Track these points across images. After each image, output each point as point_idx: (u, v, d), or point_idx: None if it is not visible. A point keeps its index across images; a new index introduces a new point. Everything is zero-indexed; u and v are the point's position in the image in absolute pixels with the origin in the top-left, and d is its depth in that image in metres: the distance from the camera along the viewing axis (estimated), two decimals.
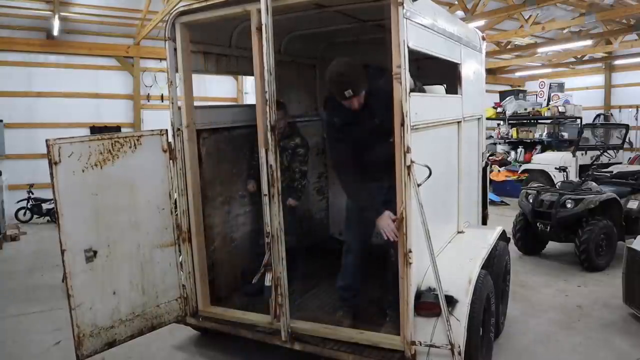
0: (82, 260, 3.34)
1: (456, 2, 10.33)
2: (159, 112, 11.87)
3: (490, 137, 13.72)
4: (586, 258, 6.21)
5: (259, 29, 3.42)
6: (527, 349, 4.25)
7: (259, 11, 3.39)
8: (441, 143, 3.89)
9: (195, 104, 4.05)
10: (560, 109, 12.71)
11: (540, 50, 14.50)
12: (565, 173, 7.99)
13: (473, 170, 4.83)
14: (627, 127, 10.61)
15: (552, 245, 7.13)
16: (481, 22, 10.66)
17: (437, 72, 4.61)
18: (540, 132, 12.80)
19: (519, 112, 13.49)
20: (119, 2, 10.52)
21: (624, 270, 4.82)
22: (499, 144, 14.04)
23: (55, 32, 10.29)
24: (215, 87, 12.39)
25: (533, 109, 13.31)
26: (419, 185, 3.02)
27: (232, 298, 4.40)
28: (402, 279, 3.11)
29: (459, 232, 4.24)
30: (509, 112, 13.58)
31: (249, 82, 13.06)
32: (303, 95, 5.79)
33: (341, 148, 3.63)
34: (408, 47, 2.99)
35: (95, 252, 3.41)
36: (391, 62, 3.03)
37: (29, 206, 10.08)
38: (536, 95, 14.54)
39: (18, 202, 10.02)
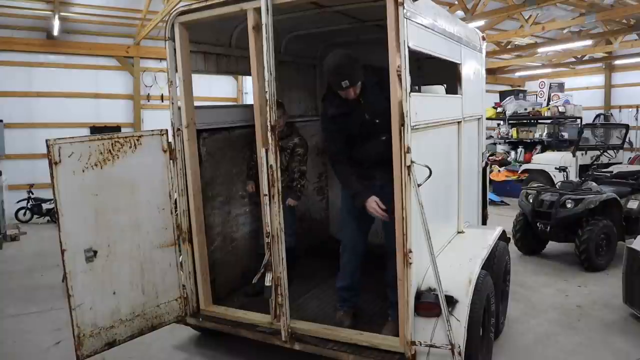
0: (82, 260, 3.34)
1: (456, 2, 10.32)
2: (159, 112, 11.87)
3: (490, 137, 13.72)
4: (586, 258, 6.21)
5: (255, 28, 3.42)
6: (527, 349, 4.25)
7: (256, 10, 3.40)
8: (441, 143, 3.89)
9: (196, 104, 4.06)
10: (560, 109, 12.71)
11: (540, 50, 14.49)
12: (565, 173, 7.98)
13: (473, 170, 4.83)
14: (627, 127, 10.59)
15: (552, 245, 7.13)
16: (481, 22, 10.65)
17: (437, 72, 4.61)
18: (540, 132, 12.79)
19: (519, 112, 13.48)
20: (119, 2, 10.52)
21: (624, 270, 4.82)
22: (499, 144, 14.03)
23: (55, 32, 10.29)
24: (215, 87, 12.39)
25: (533, 109, 13.30)
26: (419, 185, 3.02)
27: (232, 298, 4.40)
28: (401, 280, 3.11)
29: (459, 232, 4.24)
30: (509, 112, 13.57)
31: (249, 82, 13.04)
32: (303, 95, 5.80)
33: (335, 137, 3.76)
34: (408, 47, 2.99)
35: (95, 252, 3.41)
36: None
37: (29, 206, 10.08)
38: (536, 95, 14.54)
39: (18, 202, 10.02)
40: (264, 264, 3.55)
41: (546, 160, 11.23)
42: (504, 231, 4.56)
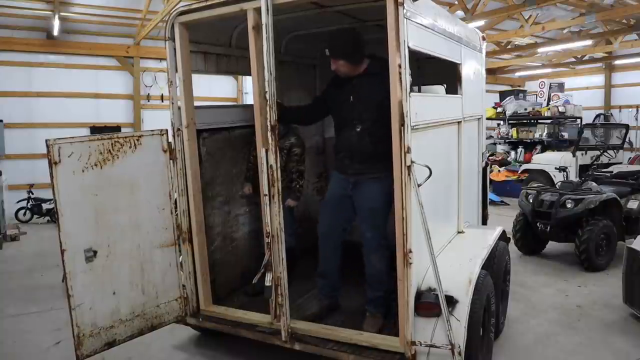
0: (82, 260, 3.34)
1: (456, 2, 10.32)
2: (159, 112, 11.87)
3: (490, 137, 13.72)
4: (586, 258, 6.20)
5: (255, 28, 3.43)
6: (527, 349, 4.25)
7: (256, 10, 3.40)
8: (441, 143, 3.89)
9: (196, 104, 4.06)
10: (560, 109, 12.71)
11: (540, 50, 14.48)
12: (565, 173, 7.99)
13: (473, 170, 4.83)
14: (627, 127, 10.60)
15: (552, 245, 7.13)
16: (481, 22, 10.65)
17: (437, 72, 4.60)
18: (540, 132, 12.79)
19: (519, 112, 13.48)
20: (119, 2, 10.51)
21: (624, 270, 4.82)
22: (499, 144, 14.04)
23: (55, 32, 10.29)
24: (216, 87, 12.40)
25: (533, 109, 13.30)
26: (419, 185, 3.02)
27: (232, 298, 4.40)
28: (401, 280, 3.10)
29: (459, 232, 4.24)
30: (509, 112, 13.57)
31: (249, 82, 13.04)
32: (303, 95, 5.79)
33: (319, 97, 4.10)
34: (408, 47, 2.99)
35: (95, 252, 3.41)
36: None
37: (29, 206, 10.07)
38: (536, 95, 14.53)
39: (18, 202, 10.01)
40: (264, 264, 3.55)
41: (546, 160, 11.23)
42: (504, 231, 4.56)
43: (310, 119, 4.48)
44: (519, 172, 11.94)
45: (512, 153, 13.40)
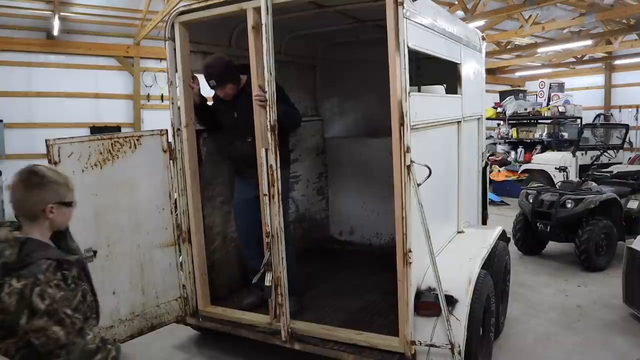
0: None
1: (456, 2, 10.32)
2: (159, 112, 11.85)
3: (490, 137, 13.72)
4: (586, 258, 6.20)
5: (255, 28, 3.43)
6: (527, 349, 4.25)
7: (256, 10, 3.41)
8: (441, 143, 3.89)
9: None
10: (560, 109, 12.71)
11: (540, 50, 14.47)
12: (565, 173, 7.99)
13: (473, 170, 4.83)
14: (627, 127, 10.60)
15: (552, 245, 7.13)
16: (481, 22, 10.64)
17: (437, 72, 4.60)
18: (540, 132, 12.80)
19: (519, 112, 13.48)
20: (119, 2, 10.50)
21: (624, 270, 4.82)
22: (499, 144, 14.04)
23: (55, 32, 10.28)
24: None
25: (533, 109, 13.30)
26: (418, 185, 3.02)
27: (232, 298, 4.40)
28: (401, 280, 3.10)
29: (459, 232, 4.24)
30: (509, 112, 13.57)
31: None
32: (303, 95, 5.79)
33: (212, 110, 4.20)
34: (408, 46, 3.00)
35: (95, 252, 3.38)
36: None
37: None
38: (536, 95, 14.53)
39: None
40: (264, 263, 3.55)
41: (546, 160, 11.23)
42: (504, 231, 4.56)
43: (214, 125, 4.37)
44: (519, 172, 11.94)
45: (512, 153, 13.40)
